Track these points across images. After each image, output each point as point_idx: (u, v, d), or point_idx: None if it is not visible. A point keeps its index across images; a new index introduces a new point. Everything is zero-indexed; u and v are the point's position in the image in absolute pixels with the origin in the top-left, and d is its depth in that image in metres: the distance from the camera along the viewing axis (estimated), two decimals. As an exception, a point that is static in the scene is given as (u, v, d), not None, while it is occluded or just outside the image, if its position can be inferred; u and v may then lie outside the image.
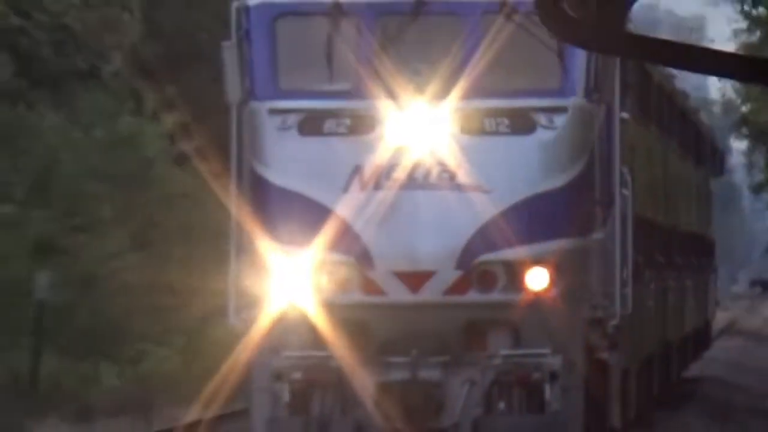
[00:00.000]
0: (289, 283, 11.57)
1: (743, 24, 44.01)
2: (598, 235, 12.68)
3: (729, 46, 40.59)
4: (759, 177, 51.03)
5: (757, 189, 48.95)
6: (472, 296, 11.47)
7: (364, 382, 11.44)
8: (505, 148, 11.69)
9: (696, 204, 29.06)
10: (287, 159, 11.90)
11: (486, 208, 11.37)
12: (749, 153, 57.28)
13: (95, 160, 29.45)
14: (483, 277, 11.45)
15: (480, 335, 11.59)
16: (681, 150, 25.06)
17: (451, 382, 11.48)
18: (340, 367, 11.43)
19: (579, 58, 11.83)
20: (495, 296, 11.49)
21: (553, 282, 11.50)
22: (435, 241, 11.37)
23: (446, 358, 11.49)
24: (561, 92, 11.97)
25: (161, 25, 32.74)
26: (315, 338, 11.60)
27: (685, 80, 31.16)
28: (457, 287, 11.41)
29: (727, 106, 64.01)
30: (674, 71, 21.47)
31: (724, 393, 27.47)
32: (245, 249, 12.14)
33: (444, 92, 11.64)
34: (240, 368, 12.34)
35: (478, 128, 11.68)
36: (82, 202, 29.15)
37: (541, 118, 11.71)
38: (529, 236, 11.44)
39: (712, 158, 32.27)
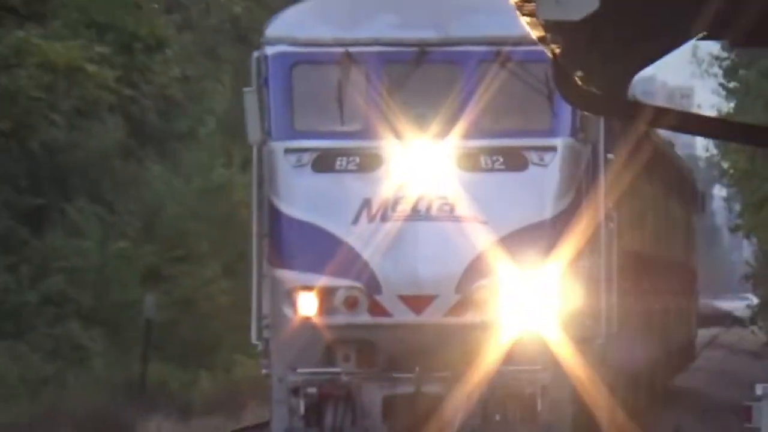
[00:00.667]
0: (303, 306, 10.42)
1: (723, 93, 43.37)
2: (585, 262, 11.33)
3: (712, 112, 39.95)
4: (736, 219, 50.52)
5: (734, 229, 48.53)
6: (471, 317, 10.27)
7: (372, 395, 10.34)
8: (500, 184, 10.58)
9: (680, 238, 26.72)
10: (302, 193, 10.75)
11: (482, 238, 10.25)
12: (728, 199, 57.49)
13: (194, 205, 29.30)
14: (480, 301, 10.24)
15: (478, 353, 10.26)
16: (665, 189, 22.38)
17: (452, 395, 10.26)
18: (351, 382, 10.29)
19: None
20: (491, 318, 10.26)
21: (544, 305, 10.32)
22: (436, 267, 10.23)
23: (447, 374, 10.27)
24: (551, 132, 10.75)
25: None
26: (328, 356, 10.50)
27: (676, 137, 29.08)
28: (457, 309, 10.26)
29: (710, 160, 63.12)
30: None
31: (707, 393, 25.97)
32: (265, 275, 10.92)
33: (444, 133, 10.49)
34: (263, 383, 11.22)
35: (476, 165, 10.55)
36: (182, 238, 28.94)
37: (533, 156, 10.58)
38: (521, 263, 10.26)
39: (694, 198, 29.13)
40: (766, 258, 46.72)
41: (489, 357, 10.26)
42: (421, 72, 10.76)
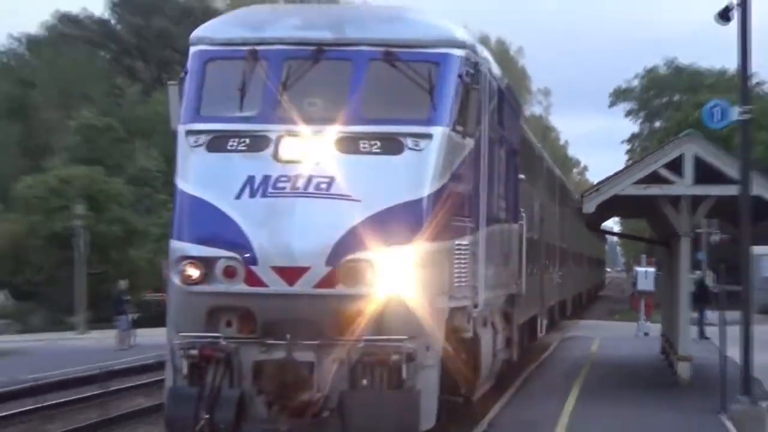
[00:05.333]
0: (188, 275, 11.04)
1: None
2: (464, 241, 12.40)
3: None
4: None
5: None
6: (340, 289, 10.77)
7: (247, 360, 10.94)
8: (376, 165, 11.19)
9: (587, 238, 42.54)
10: (196, 170, 11.46)
11: (354, 215, 10.80)
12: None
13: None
14: (350, 273, 10.74)
15: (348, 323, 10.87)
16: (563, 204, 32.74)
17: (322, 362, 10.90)
18: (228, 347, 10.89)
19: (447, 98, 11.62)
20: (360, 290, 10.77)
21: (411, 278, 10.86)
22: (309, 241, 10.75)
23: (318, 342, 10.90)
24: (428, 122, 11.44)
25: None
26: (212, 322, 11.10)
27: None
28: (327, 281, 10.73)
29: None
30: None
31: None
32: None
33: (330, 120, 11.28)
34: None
35: (355, 149, 11.22)
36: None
37: (409, 142, 11.24)
38: (391, 239, 10.80)
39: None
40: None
41: (358, 327, 10.84)
42: (317, 68, 11.61)
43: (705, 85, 60.21)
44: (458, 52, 11.96)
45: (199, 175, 11.38)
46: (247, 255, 10.80)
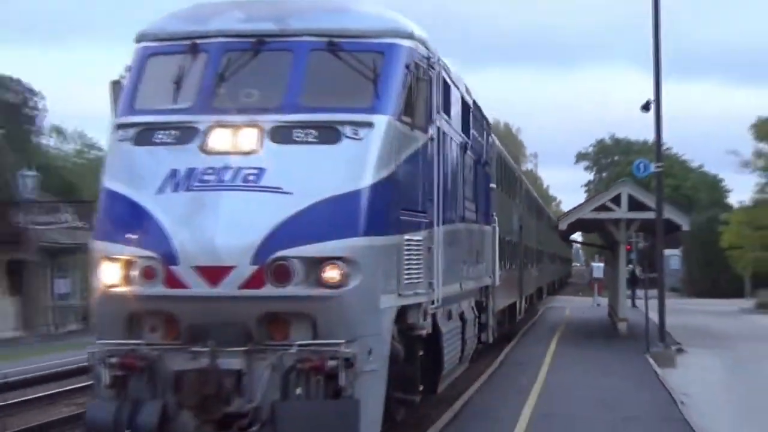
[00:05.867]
0: (106, 276, 10.00)
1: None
2: (416, 236, 11.29)
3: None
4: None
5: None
6: (268, 290, 9.61)
7: (168, 369, 9.82)
8: (310, 156, 10.11)
9: (559, 243, 57.00)
10: (119, 166, 10.52)
11: (284, 208, 9.70)
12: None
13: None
14: (278, 272, 9.59)
15: (280, 326, 9.87)
16: (540, 219, 41.44)
17: (253, 369, 9.72)
18: (150, 355, 9.82)
19: (391, 87, 10.66)
20: (291, 290, 9.63)
21: (349, 276, 9.72)
22: (233, 238, 9.57)
23: (247, 348, 9.73)
24: (370, 110, 10.40)
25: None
26: (135, 327, 10.06)
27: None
28: (254, 281, 9.57)
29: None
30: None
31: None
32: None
33: (265, 110, 10.37)
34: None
35: (288, 138, 10.17)
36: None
37: (348, 131, 10.20)
38: (326, 234, 9.71)
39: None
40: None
41: (291, 331, 9.82)
42: (258, 60, 10.72)
43: (634, 150, 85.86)
44: (405, 43, 11.04)
45: (122, 169, 10.43)
46: (167, 254, 9.68)
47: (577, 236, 47.22)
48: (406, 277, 10.86)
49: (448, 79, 13.51)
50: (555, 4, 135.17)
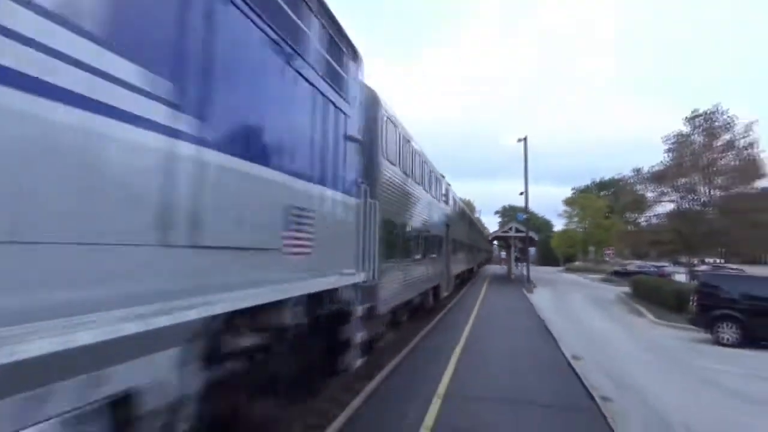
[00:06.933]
0: None
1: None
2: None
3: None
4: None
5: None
6: None
7: None
8: None
9: (485, 241, 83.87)
10: None
11: None
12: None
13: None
14: None
15: None
16: (471, 225, 58.25)
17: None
18: None
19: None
20: None
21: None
22: None
23: None
24: None
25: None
26: None
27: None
28: None
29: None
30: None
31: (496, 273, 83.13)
32: None
33: None
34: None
35: None
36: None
37: None
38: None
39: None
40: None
41: None
42: None
43: (519, 209, 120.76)
44: None
45: None
46: None
47: (494, 242, 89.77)
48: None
49: None
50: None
